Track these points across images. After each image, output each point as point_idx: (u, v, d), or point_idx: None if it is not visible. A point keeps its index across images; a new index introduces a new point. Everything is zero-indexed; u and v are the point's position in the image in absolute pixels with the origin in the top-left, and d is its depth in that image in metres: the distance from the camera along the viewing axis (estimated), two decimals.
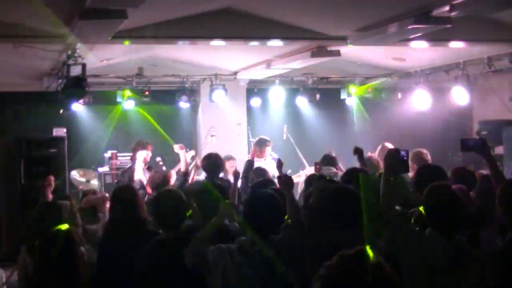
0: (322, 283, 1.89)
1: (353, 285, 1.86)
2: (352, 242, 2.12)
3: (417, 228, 3.80)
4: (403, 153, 4.08)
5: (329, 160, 7.65)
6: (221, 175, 7.39)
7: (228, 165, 8.46)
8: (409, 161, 7.21)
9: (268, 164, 8.40)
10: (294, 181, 4.74)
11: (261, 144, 8.86)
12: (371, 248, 1.96)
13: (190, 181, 7.36)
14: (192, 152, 8.98)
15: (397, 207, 4.08)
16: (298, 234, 3.96)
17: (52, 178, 5.89)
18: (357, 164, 6.28)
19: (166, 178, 6.99)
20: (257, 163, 7.89)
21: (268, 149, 8.89)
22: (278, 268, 3.74)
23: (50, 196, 5.68)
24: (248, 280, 3.75)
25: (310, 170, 8.49)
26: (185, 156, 7.50)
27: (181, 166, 7.51)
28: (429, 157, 7.39)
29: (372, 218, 4.03)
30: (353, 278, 1.86)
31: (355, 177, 4.71)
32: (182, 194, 4.38)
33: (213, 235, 3.96)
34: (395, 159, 4.01)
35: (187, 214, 4.32)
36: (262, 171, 7.03)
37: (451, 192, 3.73)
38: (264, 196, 4.01)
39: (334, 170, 7.27)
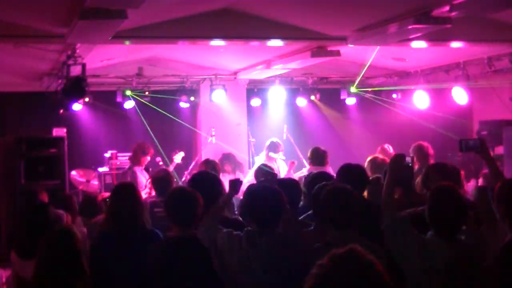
0: (314, 282, 1.89)
1: (345, 284, 1.85)
2: (346, 242, 2.12)
3: (418, 232, 3.74)
4: (408, 159, 3.99)
5: (319, 159, 7.63)
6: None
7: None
8: (411, 154, 7.24)
9: (276, 166, 8.52)
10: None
11: (274, 149, 8.94)
12: (364, 248, 1.96)
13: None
14: (182, 154, 9.03)
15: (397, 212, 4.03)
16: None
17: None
18: None
19: (169, 174, 6.90)
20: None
21: (280, 154, 8.99)
22: (282, 260, 3.82)
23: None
24: (252, 268, 3.83)
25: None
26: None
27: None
28: (430, 150, 7.36)
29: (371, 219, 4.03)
30: (345, 277, 1.86)
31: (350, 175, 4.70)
32: (196, 193, 4.38)
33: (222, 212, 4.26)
34: (400, 165, 3.95)
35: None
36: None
37: (456, 194, 3.65)
38: (264, 189, 4.07)
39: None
